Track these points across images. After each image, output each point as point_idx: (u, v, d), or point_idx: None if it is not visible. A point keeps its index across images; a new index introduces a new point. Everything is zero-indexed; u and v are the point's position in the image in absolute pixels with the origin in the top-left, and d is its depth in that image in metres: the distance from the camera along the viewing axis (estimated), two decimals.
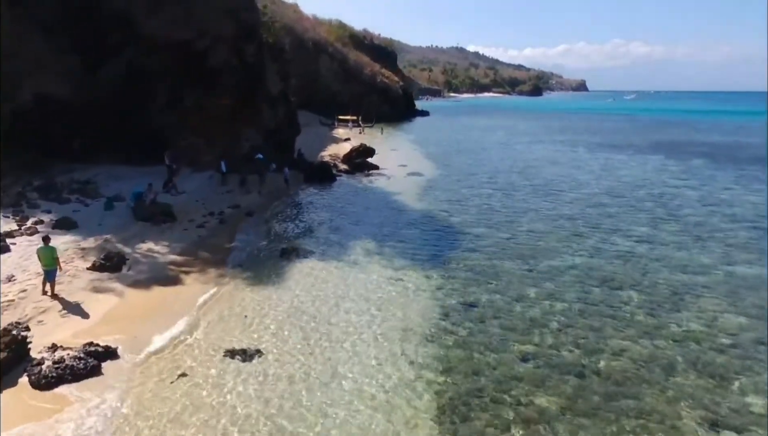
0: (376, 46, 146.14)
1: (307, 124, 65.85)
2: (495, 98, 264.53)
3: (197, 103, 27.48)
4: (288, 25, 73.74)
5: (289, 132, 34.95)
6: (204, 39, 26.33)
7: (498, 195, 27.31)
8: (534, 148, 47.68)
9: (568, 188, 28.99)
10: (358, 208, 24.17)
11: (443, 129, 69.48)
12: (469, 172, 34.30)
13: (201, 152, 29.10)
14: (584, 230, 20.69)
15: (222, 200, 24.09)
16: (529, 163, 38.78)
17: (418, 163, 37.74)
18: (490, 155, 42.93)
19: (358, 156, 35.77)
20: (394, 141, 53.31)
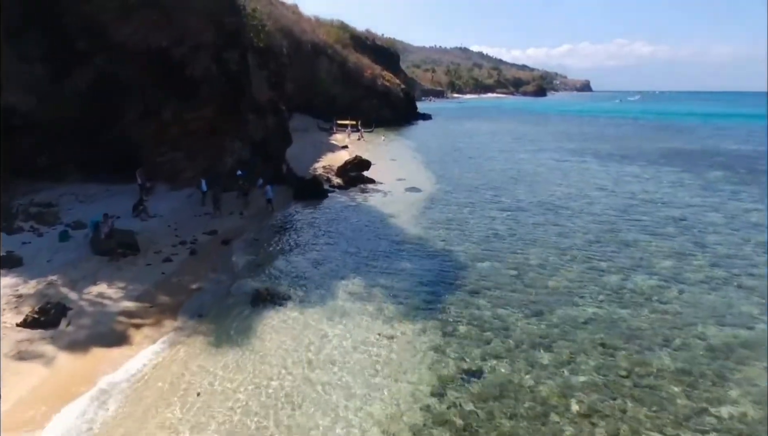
0: (378, 47, 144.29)
1: (305, 130, 63.79)
2: (499, 99, 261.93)
3: (176, 115, 25.25)
4: (286, 27, 71.67)
5: (279, 143, 32.68)
6: (181, 46, 24.08)
7: (503, 216, 24.94)
8: (540, 158, 45.24)
9: (580, 208, 26.58)
10: (347, 234, 21.84)
11: (445, 135, 67.09)
12: (472, 187, 31.92)
13: (180, 168, 26.91)
14: (601, 265, 18.30)
15: (198, 224, 21.83)
16: (535, 176, 36.38)
17: (418, 176, 35.39)
18: (494, 166, 40.52)
19: (353, 169, 33.46)
20: (394, 149, 50.98)
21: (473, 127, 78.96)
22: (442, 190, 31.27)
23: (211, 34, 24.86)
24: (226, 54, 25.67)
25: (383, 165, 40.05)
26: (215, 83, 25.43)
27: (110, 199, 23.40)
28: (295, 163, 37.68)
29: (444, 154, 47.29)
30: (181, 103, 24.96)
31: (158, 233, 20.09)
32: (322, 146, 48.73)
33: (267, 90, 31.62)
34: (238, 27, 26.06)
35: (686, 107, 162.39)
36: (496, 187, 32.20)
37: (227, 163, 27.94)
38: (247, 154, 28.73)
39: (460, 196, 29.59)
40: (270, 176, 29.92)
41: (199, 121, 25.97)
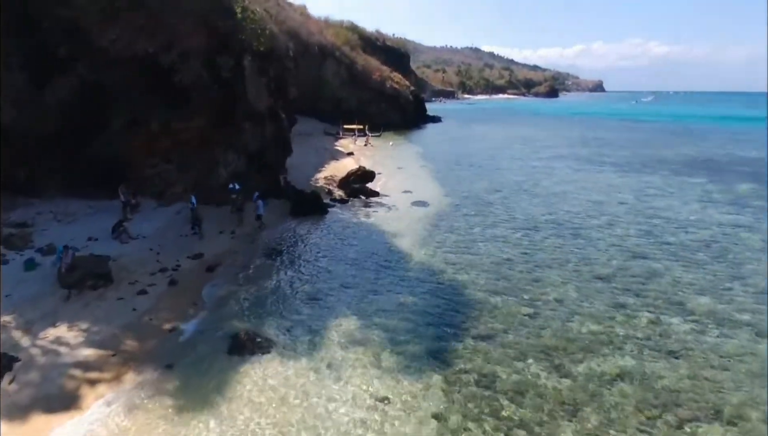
0: (389, 47, 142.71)
1: (310, 134, 62.05)
2: (510, 100, 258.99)
3: (164, 125, 23.54)
4: (293, 29, 70.09)
5: (277, 154, 30.89)
6: (170, 52, 22.34)
7: (516, 237, 22.91)
8: (555, 167, 43.02)
9: (600, 228, 24.46)
10: (345, 259, 19.95)
11: (455, 139, 64.98)
12: (482, 201, 29.89)
13: (171, 181, 25.24)
14: (628, 301, 16.22)
15: (183, 247, 20.07)
16: (551, 188, 34.22)
17: (425, 188, 33.41)
18: (505, 176, 38.42)
19: (356, 180, 31.58)
20: (402, 155, 49.02)
21: (484, 132, 76.73)
22: (451, 204, 29.25)
23: (202, 38, 23.11)
24: (219, 60, 23.91)
25: (389, 174, 38.15)
26: (207, 91, 23.68)
27: (91, 217, 21.75)
28: (296, 172, 35.94)
29: (453, 162, 45.24)
30: (170, 112, 23.24)
31: (138, 258, 18.34)
32: (326, 153, 46.91)
33: (266, 96, 29.80)
34: (232, 31, 24.27)
35: (702, 109, 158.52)
36: (509, 201, 30.12)
37: (221, 176, 26.20)
38: (242, 166, 26.97)
39: (469, 211, 27.56)
40: (266, 189, 28.23)
41: (190, 132, 24.25)
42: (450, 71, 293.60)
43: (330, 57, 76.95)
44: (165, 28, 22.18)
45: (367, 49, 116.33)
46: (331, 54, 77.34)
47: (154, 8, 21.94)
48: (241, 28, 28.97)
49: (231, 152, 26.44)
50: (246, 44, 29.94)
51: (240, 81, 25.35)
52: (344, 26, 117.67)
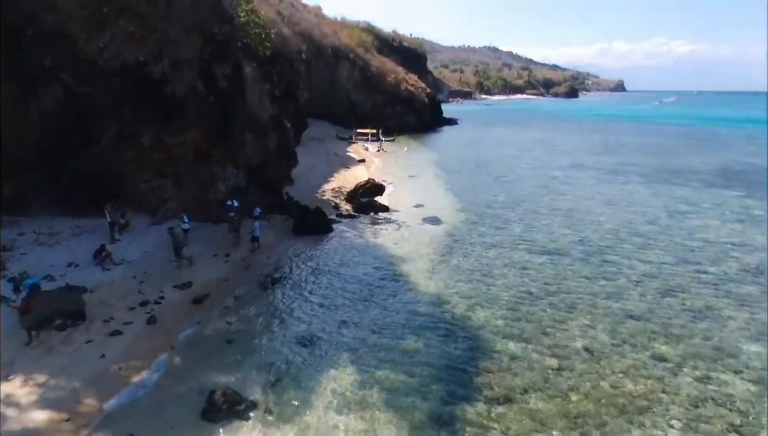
0: (405, 48, 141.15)
1: (322, 139, 60.38)
2: (528, 100, 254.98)
3: (156, 139, 21.94)
4: (306, 31, 68.64)
5: (281, 166, 29.20)
6: (161, 61, 20.71)
7: (537, 264, 20.77)
8: (578, 178, 40.55)
9: (631, 253, 22.15)
10: (346, 290, 18.04)
11: (471, 144, 62.67)
12: (500, 218, 27.75)
13: (165, 197, 23.64)
14: (669, 352, 14.02)
15: (171, 273, 18.40)
16: (574, 202, 31.89)
17: (438, 201, 31.35)
18: (525, 188, 36.14)
19: (364, 193, 29.70)
20: (415, 162, 46.97)
21: (501, 135, 74.22)
22: (466, 221, 27.16)
23: (197, 46, 21.45)
24: (215, 68, 22.24)
25: (401, 185, 36.20)
26: (202, 103, 22.03)
27: (77, 238, 20.22)
28: (303, 183, 34.25)
29: (469, 170, 43.06)
30: (161, 126, 21.64)
31: (118, 289, 16.71)
32: (336, 161, 45.11)
33: (269, 105, 28.13)
34: (230, 37, 22.57)
35: (731, 112, 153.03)
36: (528, 217, 27.91)
37: (219, 191, 24.57)
38: (242, 180, 25.32)
39: (485, 230, 25.46)
40: (268, 204, 26.54)
41: (185, 146, 22.64)
42: (467, 71, 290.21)
43: (344, 59, 75.32)
44: (155, 36, 20.56)
45: (384, 50, 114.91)
46: (345, 56, 75.69)
47: (143, 14, 20.32)
48: (243, 33, 27.45)
49: (230, 166, 24.79)
50: (249, 50, 28.41)
51: (239, 90, 23.67)
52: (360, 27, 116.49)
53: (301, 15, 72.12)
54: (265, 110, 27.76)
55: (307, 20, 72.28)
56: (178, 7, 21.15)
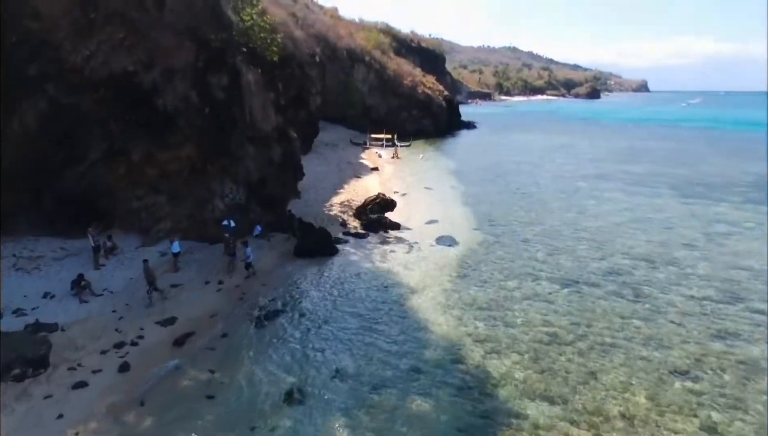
0: (423, 49, 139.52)
1: (335, 145, 58.74)
2: (549, 101, 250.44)
3: (147, 156, 20.33)
4: (320, 34, 67.12)
5: (286, 179, 27.44)
6: (150, 71, 19.06)
7: (562, 297, 18.58)
8: (604, 190, 38.00)
9: (668, 286, 19.79)
10: (347, 329, 16.11)
11: (490, 150, 60.24)
12: (521, 240, 25.54)
13: (160, 215, 22.07)
14: (722, 425, 11.77)
15: (155, 305, 16.73)
16: (601, 220, 29.50)
17: (454, 218, 29.25)
18: (547, 203, 33.79)
19: (374, 209, 27.73)
20: (431, 171, 44.87)
21: (521, 141, 71.56)
22: (483, 242, 25.02)
23: (190, 54, 19.77)
24: (211, 78, 20.53)
25: (415, 197, 34.16)
26: (196, 115, 20.34)
27: (58, 263, 18.70)
28: (311, 194, 32.51)
29: (487, 180, 40.79)
30: (152, 141, 20.02)
31: (93, 326, 15.08)
32: (348, 169, 43.27)
33: (273, 115, 26.39)
34: (227, 44, 20.85)
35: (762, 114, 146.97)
36: (552, 238, 25.64)
37: (217, 208, 22.89)
38: (242, 197, 23.60)
39: (504, 254, 23.30)
40: (270, 222, 24.82)
41: (179, 162, 21.01)
42: (487, 72, 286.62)
43: (359, 62, 73.50)
44: (146, 43, 18.93)
45: (402, 51, 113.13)
46: (361, 58, 73.86)
47: (133, 19, 18.71)
48: (247, 38, 25.81)
49: (229, 182, 23.09)
50: (255, 55, 26.78)
51: (238, 101, 21.94)
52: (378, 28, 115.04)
53: (316, 17, 70.66)
54: (269, 120, 26.01)
55: (322, 22, 70.73)
56: (171, 11, 19.51)
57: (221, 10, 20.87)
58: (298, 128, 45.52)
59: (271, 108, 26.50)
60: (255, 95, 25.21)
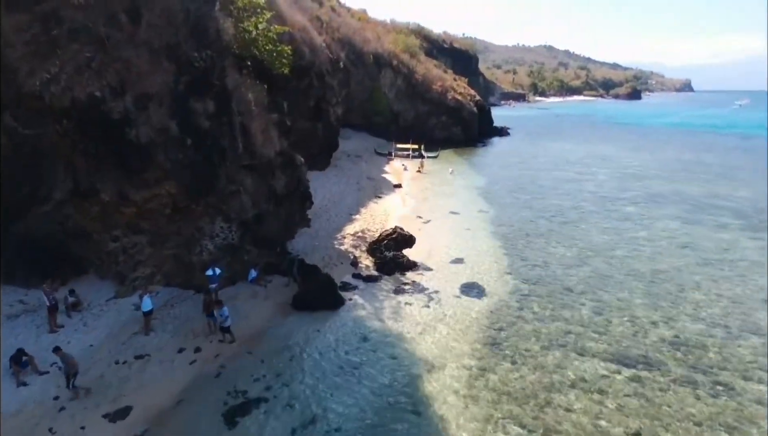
0: (456, 49, 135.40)
1: (358, 155, 55.43)
2: (586, 102, 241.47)
3: (119, 195, 17.39)
4: (345, 38, 64.09)
5: (292, 210, 24.24)
6: (121, 98, 16.06)
7: (619, 384, 14.66)
8: (658, 219, 33.41)
9: (753, 369, 15.60)
10: (344, 430, 12.70)
11: (525, 164, 55.76)
12: (561, 290, 21.59)
13: (139, 259, 19.17)
14: None
15: (110, 385, 13.71)
16: (658, 261, 25.24)
17: (482, 255, 25.47)
18: (591, 235, 29.57)
19: (389, 246, 24.23)
20: (459, 191, 41.03)
21: (559, 151, 66.61)
22: (516, 293, 21.16)
23: (169, 76, 16.69)
24: (194, 104, 17.42)
25: (438, 224, 30.48)
26: (176, 148, 17.26)
27: (10, 324, 15.93)
28: (323, 221, 29.30)
29: (521, 204, 36.67)
30: (125, 178, 17.06)
31: (24, 421, 12.12)
32: (368, 187, 39.88)
33: (277, 139, 23.22)
34: (214, 64, 17.67)
35: None
36: (600, 290, 21.56)
37: (205, 251, 19.87)
38: (235, 236, 20.50)
39: (541, 312, 19.42)
40: (269, 263, 21.68)
41: (159, 200, 18.00)
42: (521, 72, 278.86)
43: (386, 66, 70.05)
44: (116, 64, 15.95)
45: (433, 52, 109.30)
46: (388, 63, 70.40)
47: (101, 37, 15.75)
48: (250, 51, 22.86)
49: (220, 220, 20.02)
50: (259, 70, 23.80)
51: (228, 130, 18.78)
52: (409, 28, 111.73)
53: (342, 20, 67.58)
54: (272, 145, 22.82)
55: (348, 25, 67.59)
56: (148, 26, 16.48)
57: (207, 24, 17.70)
58: (315, 142, 42.67)
59: (274, 130, 23.32)
60: (255, 117, 22.09)
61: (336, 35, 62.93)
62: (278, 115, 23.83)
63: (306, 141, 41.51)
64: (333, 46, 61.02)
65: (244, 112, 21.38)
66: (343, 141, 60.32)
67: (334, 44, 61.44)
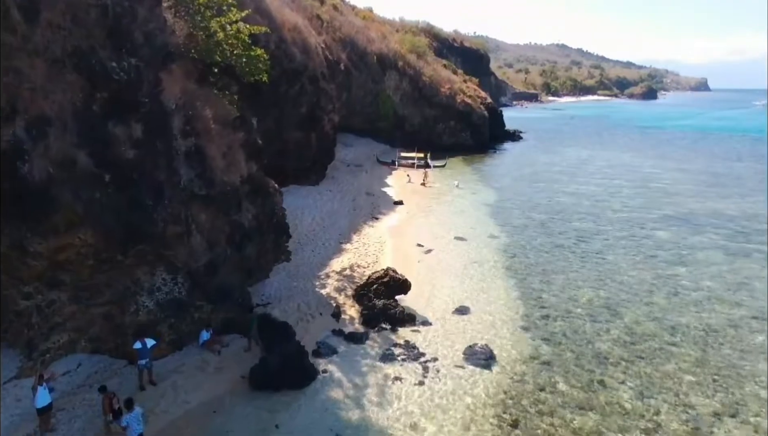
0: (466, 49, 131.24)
1: (358, 164, 51.07)
2: (601, 102, 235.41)
3: (17, 247, 13.36)
4: (347, 37, 59.95)
5: (263, 247, 20.11)
6: (9, 123, 12.00)
7: None
8: (694, 248, 28.94)
9: None
10: None
11: (539, 174, 51.22)
12: (590, 359, 17.26)
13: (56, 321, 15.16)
14: None
15: None
16: (707, 317, 20.79)
17: (492, 301, 21.21)
18: (620, 272, 25.17)
19: (379, 292, 20.00)
20: (467, 209, 36.73)
21: (576, 159, 61.87)
22: (534, 360, 16.82)
23: (76, 93, 12.60)
24: (114, 128, 13.32)
25: (441, 257, 26.23)
26: (89, 185, 13.19)
27: None
28: (308, 249, 25.35)
29: (537, 227, 32.24)
30: (24, 223, 13.02)
31: None
32: (365, 205, 35.68)
33: (244, 163, 19.14)
34: (139, 76, 13.55)
35: None
36: (639, 355, 17.18)
37: (143, 308, 15.83)
38: (181, 290, 16.44)
39: (569, 389, 15.11)
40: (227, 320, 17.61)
41: (74, 249, 13.96)
42: (533, 71, 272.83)
43: (391, 68, 65.72)
44: (4, 77, 11.89)
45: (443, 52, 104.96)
46: (393, 64, 66.06)
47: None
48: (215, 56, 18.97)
49: (162, 271, 15.96)
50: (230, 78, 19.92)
51: (165, 158, 14.68)
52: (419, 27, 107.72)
53: (345, 19, 63.38)
54: (237, 169, 18.77)
55: (351, 24, 63.35)
56: (49, 25, 12.42)
57: (132, 23, 13.53)
58: (307, 154, 38.56)
59: (240, 152, 19.25)
60: (215, 138, 18.06)
61: (337, 35, 58.80)
62: (245, 133, 19.72)
63: (297, 152, 37.52)
64: (333, 46, 56.86)
65: (200, 132, 17.40)
66: (343, 148, 56.23)
67: (334, 45, 57.29)
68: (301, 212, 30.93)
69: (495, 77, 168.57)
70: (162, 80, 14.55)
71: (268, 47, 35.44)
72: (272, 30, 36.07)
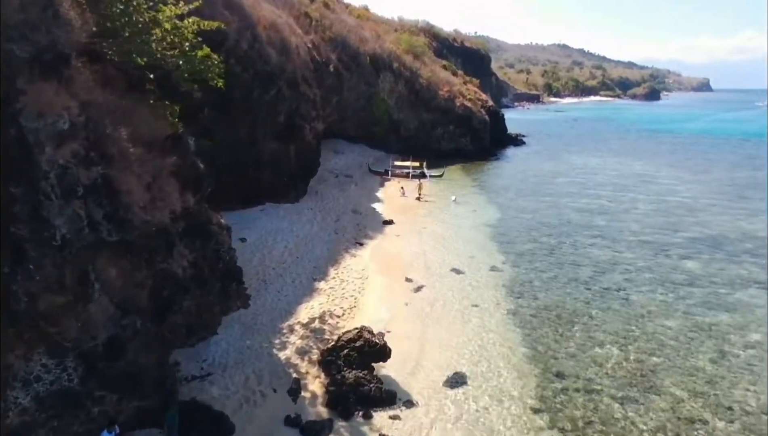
0: (467, 49, 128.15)
1: (348, 175, 46.49)
2: (602, 103, 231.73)
3: None
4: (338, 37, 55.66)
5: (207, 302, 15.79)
6: None
7: None
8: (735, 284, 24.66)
9: None
10: None
11: (544, 186, 46.89)
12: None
13: None
14: None
15: None
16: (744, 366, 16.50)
17: (494, 365, 16.91)
18: (648, 319, 20.91)
19: (350, 359, 15.66)
20: (465, 231, 32.42)
21: (584, 167, 57.51)
22: None
23: None
24: None
25: (434, 295, 21.93)
26: None
27: None
28: (274, 288, 21.12)
29: (545, 256, 27.82)
30: None
31: None
32: (349, 226, 31.35)
33: (176, 196, 14.84)
34: None
35: None
36: None
37: (15, 406, 11.50)
38: (72, 377, 12.11)
39: None
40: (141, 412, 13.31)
41: None
42: (535, 72, 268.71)
43: (386, 69, 61.45)
44: None
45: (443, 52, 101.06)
46: (388, 66, 61.80)
47: None
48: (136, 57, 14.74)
49: (42, 354, 11.64)
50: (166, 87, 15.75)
51: (28, 206, 10.39)
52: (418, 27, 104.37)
53: (336, 17, 59.08)
54: (164, 205, 14.42)
55: (343, 23, 59.04)
56: None
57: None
58: (285, 168, 34.29)
59: (170, 182, 14.90)
60: (133, 165, 13.74)
61: (327, 34, 54.50)
62: (179, 157, 15.40)
63: (273, 166, 33.24)
64: (322, 46, 52.56)
65: (111, 158, 13.09)
66: (333, 156, 52.08)
67: (323, 45, 53.02)
68: (273, 239, 26.67)
69: (496, 78, 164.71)
70: (25, 93, 10.21)
71: (239, 47, 31.51)
72: (244, 28, 31.96)
